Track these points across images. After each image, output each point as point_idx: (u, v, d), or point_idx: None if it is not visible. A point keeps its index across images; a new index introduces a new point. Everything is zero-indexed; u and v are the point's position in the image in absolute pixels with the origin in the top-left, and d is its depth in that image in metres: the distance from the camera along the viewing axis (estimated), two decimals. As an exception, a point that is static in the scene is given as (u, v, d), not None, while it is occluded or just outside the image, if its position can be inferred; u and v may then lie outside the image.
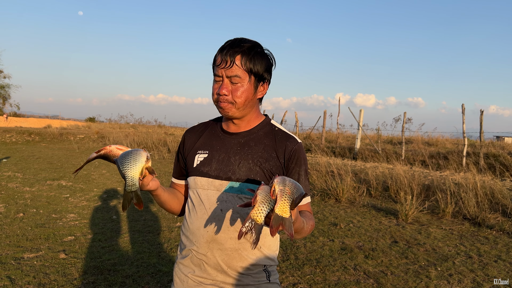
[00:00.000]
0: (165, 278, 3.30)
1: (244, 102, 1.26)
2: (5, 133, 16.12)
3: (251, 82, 1.25)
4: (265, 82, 1.30)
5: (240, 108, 1.27)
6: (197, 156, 1.37)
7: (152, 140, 15.59)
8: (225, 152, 1.33)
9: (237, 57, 1.22)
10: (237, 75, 1.23)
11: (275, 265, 1.36)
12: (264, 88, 1.32)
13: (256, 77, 1.26)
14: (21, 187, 6.79)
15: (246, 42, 1.25)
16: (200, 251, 1.28)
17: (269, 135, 1.34)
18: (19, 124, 27.07)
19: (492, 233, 5.02)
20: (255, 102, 1.32)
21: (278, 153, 1.30)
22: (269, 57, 1.30)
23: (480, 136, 11.30)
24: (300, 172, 1.30)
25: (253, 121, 1.35)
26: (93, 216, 5.18)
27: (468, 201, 5.83)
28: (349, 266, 3.76)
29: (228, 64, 1.22)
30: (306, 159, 1.33)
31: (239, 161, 1.29)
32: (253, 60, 1.24)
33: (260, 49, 1.27)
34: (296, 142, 1.32)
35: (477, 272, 3.72)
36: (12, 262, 3.50)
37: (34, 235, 4.27)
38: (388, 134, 18.39)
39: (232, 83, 1.25)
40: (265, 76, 1.29)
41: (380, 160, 11.26)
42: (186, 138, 1.46)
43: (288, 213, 0.94)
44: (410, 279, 3.50)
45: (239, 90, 1.25)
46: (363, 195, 7.07)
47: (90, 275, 3.29)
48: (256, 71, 1.25)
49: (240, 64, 1.22)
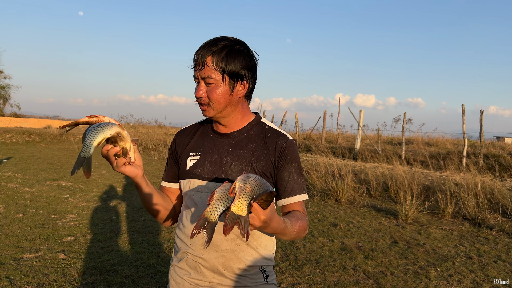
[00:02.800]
0: (164, 279, 3.30)
1: (220, 103, 1.24)
2: (5, 133, 16.13)
3: (225, 82, 1.23)
4: (244, 80, 1.26)
5: (219, 109, 1.26)
6: (189, 158, 1.36)
7: (152, 140, 15.59)
8: (217, 153, 1.31)
9: (208, 58, 1.21)
10: (209, 76, 1.21)
11: (272, 265, 1.35)
12: (244, 87, 1.28)
13: (231, 76, 1.23)
14: (21, 188, 6.79)
15: (222, 41, 1.23)
16: (196, 253, 1.27)
17: (260, 134, 1.32)
18: (19, 125, 27.07)
19: (492, 234, 5.02)
20: (236, 101, 1.28)
21: (269, 151, 1.28)
22: (249, 54, 1.27)
23: (480, 137, 11.29)
24: (290, 169, 1.28)
25: (241, 120, 1.33)
26: (92, 216, 5.18)
27: (468, 202, 5.82)
28: (349, 266, 3.76)
29: (200, 66, 1.22)
30: (298, 156, 1.31)
31: (231, 162, 1.28)
32: (225, 59, 1.21)
33: (236, 47, 1.24)
34: (287, 139, 1.30)
35: (477, 272, 3.72)
36: (11, 262, 3.50)
37: (34, 236, 4.26)
38: (388, 135, 18.41)
39: (206, 84, 1.24)
40: (243, 74, 1.25)
41: (380, 161, 11.25)
42: (177, 140, 1.43)
43: (245, 212, 0.90)
44: (410, 280, 3.50)
45: (214, 91, 1.22)
46: (363, 196, 7.07)
47: (89, 276, 3.29)
48: (229, 70, 1.22)
49: (211, 64, 1.21)
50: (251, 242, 1.27)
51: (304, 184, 1.32)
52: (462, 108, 11.66)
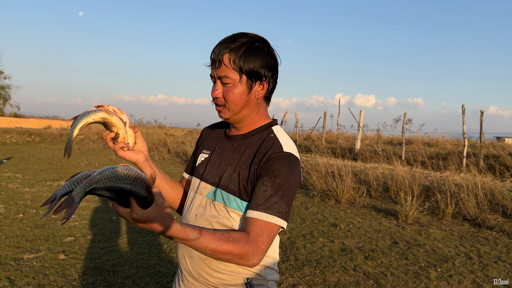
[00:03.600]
0: (165, 279, 3.30)
1: (236, 104, 1.16)
2: (5, 133, 16.13)
3: (242, 82, 1.14)
4: (263, 80, 1.17)
5: (235, 111, 1.18)
6: (200, 155, 1.34)
7: (152, 140, 15.60)
8: (219, 155, 1.26)
9: (225, 56, 1.13)
10: (225, 75, 1.13)
11: (266, 281, 1.19)
12: (263, 87, 1.18)
13: (249, 76, 1.14)
14: (21, 188, 6.79)
15: (241, 37, 1.15)
16: (179, 257, 1.25)
17: (259, 140, 1.19)
18: (19, 125, 27.07)
19: (492, 234, 5.02)
20: (254, 103, 1.19)
21: (258, 160, 1.13)
22: (269, 52, 1.17)
23: (480, 137, 11.29)
24: (266, 183, 1.08)
25: (254, 124, 1.23)
26: (92, 217, 5.18)
27: (468, 202, 5.82)
28: (349, 267, 3.76)
29: (217, 64, 1.14)
30: (287, 174, 1.09)
31: (226, 166, 1.20)
32: (244, 57, 1.12)
33: (256, 44, 1.15)
34: (280, 150, 1.12)
35: (477, 273, 3.72)
36: (12, 263, 3.50)
37: (34, 236, 4.27)
38: (388, 135, 18.40)
39: (223, 84, 1.16)
40: (262, 74, 1.16)
41: (380, 161, 11.25)
42: (202, 134, 1.42)
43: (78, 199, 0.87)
44: (410, 280, 3.50)
45: (230, 91, 1.14)
46: (363, 196, 7.07)
47: (89, 276, 3.29)
48: (247, 69, 1.13)
49: (228, 63, 1.13)
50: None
51: (279, 208, 1.07)
52: (462, 108, 11.66)
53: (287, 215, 1.10)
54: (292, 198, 1.12)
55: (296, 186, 1.13)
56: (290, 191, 1.10)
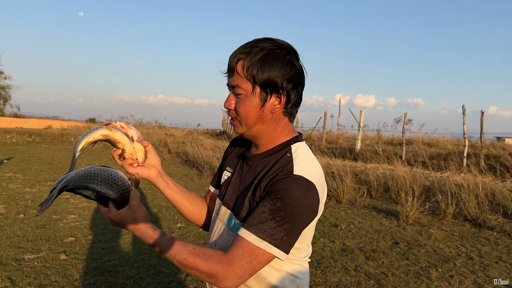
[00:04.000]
0: (166, 279, 3.30)
1: (248, 119, 1.04)
2: (6, 134, 16.13)
3: (255, 94, 1.01)
4: (280, 93, 1.02)
5: (248, 126, 1.05)
6: (224, 172, 1.24)
7: (153, 141, 15.60)
8: (238, 175, 1.14)
9: (239, 63, 1.01)
10: (238, 84, 1.02)
11: None
12: (280, 101, 1.03)
13: (263, 87, 1.01)
14: (21, 188, 6.79)
15: (262, 42, 1.02)
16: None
17: (275, 160, 1.05)
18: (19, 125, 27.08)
19: (493, 234, 5.02)
20: (269, 118, 1.05)
21: (263, 182, 1.02)
22: (291, 61, 1.02)
23: (481, 137, 11.29)
24: (266, 204, 0.95)
25: (272, 142, 1.09)
26: (93, 217, 5.18)
27: (469, 202, 5.82)
28: (350, 267, 3.76)
29: (230, 72, 1.04)
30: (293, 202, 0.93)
31: (242, 190, 1.09)
32: (259, 65, 0.99)
33: (277, 51, 1.01)
34: (290, 171, 0.97)
35: (478, 273, 3.72)
36: (13, 263, 3.50)
37: (35, 236, 4.27)
38: (388, 135, 18.40)
39: (235, 95, 1.05)
40: (279, 85, 1.01)
41: (381, 161, 11.25)
42: (229, 147, 1.31)
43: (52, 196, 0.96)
44: (411, 280, 3.50)
45: (241, 103, 1.03)
46: (364, 196, 7.07)
47: (91, 276, 3.29)
48: (261, 79, 0.99)
49: (241, 71, 1.01)
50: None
51: (274, 233, 0.93)
52: (462, 108, 11.66)
53: (283, 244, 0.94)
54: (297, 227, 0.95)
55: (305, 214, 0.95)
56: (294, 219, 0.93)
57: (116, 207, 0.98)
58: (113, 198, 0.96)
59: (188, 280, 3.31)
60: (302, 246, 1.06)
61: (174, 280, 3.30)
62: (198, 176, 8.96)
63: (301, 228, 0.97)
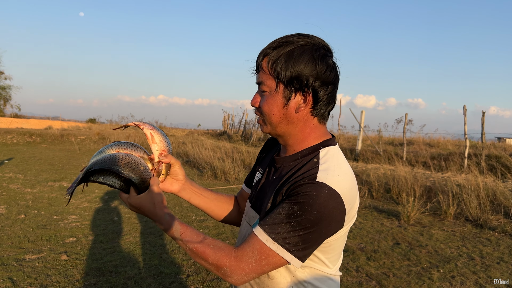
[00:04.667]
0: (167, 280, 3.29)
1: (271, 118, 0.99)
2: (6, 134, 16.13)
3: (279, 91, 0.96)
4: (306, 91, 0.96)
5: (272, 125, 1.00)
6: (256, 173, 1.20)
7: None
8: (267, 178, 1.10)
9: (264, 59, 0.98)
10: (262, 81, 0.98)
11: None
12: (306, 100, 0.97)
13: (286, 84, 0.95)
14: (22, 189, 6.79)
15: (294, 37, 0.96)
16: None
17: (301, 165, 0.99)
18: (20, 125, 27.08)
19: (494, 235, 5.01)
20: (295, 118, 0.99)
21: (285, 187, 0.96)
22: (321, 57, 0.95)
23: (482, 138, 11.28)
24: (284, 208, 0.91)
25: (300, 144, 1.03)
26: (94, 217, 5.18)
27: (470, 203, 5.82)
28: (351, 268, 3.75)
29: (257, 69, 1.01)
30: (311, 209, 0.88)
31: (267, 192, 1.05)
32: (283, 61, 0.94)
33: (305, 47, 0.95)
34: (313, 179, 0.90)
35: (480, 274, 3.71)
36: (14, 263, 3.50)
37: (36, 237, 4.26)
38: (389, 136, 18.38)
39: (261, 92, 1.01)
40: (305, 83, 0.94)
41: (382, 162, 11.24)
42: (264, 146, 1.26)
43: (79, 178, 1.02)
44: (413, 281, 3.49)
45: (265, 101, 0.99)
46: (365, 197, 7.06)
47: (92, 277, 3.28)
48: (285, 76, 0.94)
49: (266, 67, 0.97)
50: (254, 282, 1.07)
51: (287, 237, 0.89)
52: (463, 109, 11.65)
53: (297, 250, 0.90)
54: (314, 236, 0.90)
55: (325, 224, 0.90)
56: (311, 227, 0.88)
57: (137, 192, 1.01)
58: (135, 182, 1.01)
59: (190, 281, 3.31)
60: (329, 257, 1.00)
61: (175, 281, 3.29)
62: (198, 177, 8.96)
63: (320, 238, 0.92)
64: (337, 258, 1.04)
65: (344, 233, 0.99)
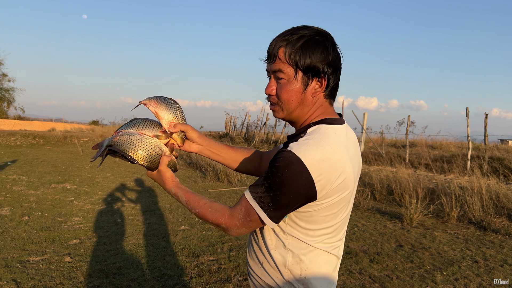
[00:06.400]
0: (170, 282, 3.30)
1: (290, 103, 1.09)
2: (10, 136, 16.20)
3: (298, 78, 1.06)
4: (321, 77, 1.07)
5: (289, 110, 1.10)
6: None
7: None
8: None
9: (280, 49, 1.06)
10: (280, 69, 1.07)
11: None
12: (321, 85, 1.08)
13: (305, 72, 1.06)
14: (26, 190, 6.82)
15: (301, 30, 1.07)
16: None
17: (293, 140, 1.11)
18: (23, 127, 27.19)
19: (497, 237, 4.99)
20: (310, 101, 1.09)
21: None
22: (331, 46, 1.08)
23: (485, 140, 11.25)
24: (265, 172, 1.03)
25: (303, 125, 1.14)
26: (97, 219, 5.20)
27: (473, 205, 5.80)
28: (354, 270, 3.75)
29: (271, 58, 1.09)
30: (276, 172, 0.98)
31: None
32: (300, 51, 1.04)
33: (316, 38, 1.06)
34: (289, 149, 1.00)
35: (483, 276, 3.70)
36: (18, 265, 3.51)
37: (39, 238, 4.28)
38: (391, 137, 18.35)
39: (277, 80, 1.10)
40: (320, 69, 1.06)
41: (384, 164, 11.23)
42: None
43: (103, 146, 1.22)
44: (416, 284, 3.48)
45: (284, 88, 1.08)
46: (368, 199, 7.05)
47: (95, 279, 3.30)
48: (304, 64, 1.05)
49: (283, 56, 1.06)
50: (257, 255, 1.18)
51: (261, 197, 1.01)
52: (466, 111, 11.62)
53: (269, 210, 1.01)
54: (281, 198, 0.99)
55: (289, 189, 0.98)
56: (277, 189, 0.98)
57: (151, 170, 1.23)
58: (145, 166, 1.20)
59: (193, 283, 3.32)
60: (310, 228, 1.07)
61: (179, 283, 3.30)
62: (201, 179, 8.97)
63: (289, 203, 1.00)
64: (322, 235, 1.10)
65: (327, 206, 1.04)
